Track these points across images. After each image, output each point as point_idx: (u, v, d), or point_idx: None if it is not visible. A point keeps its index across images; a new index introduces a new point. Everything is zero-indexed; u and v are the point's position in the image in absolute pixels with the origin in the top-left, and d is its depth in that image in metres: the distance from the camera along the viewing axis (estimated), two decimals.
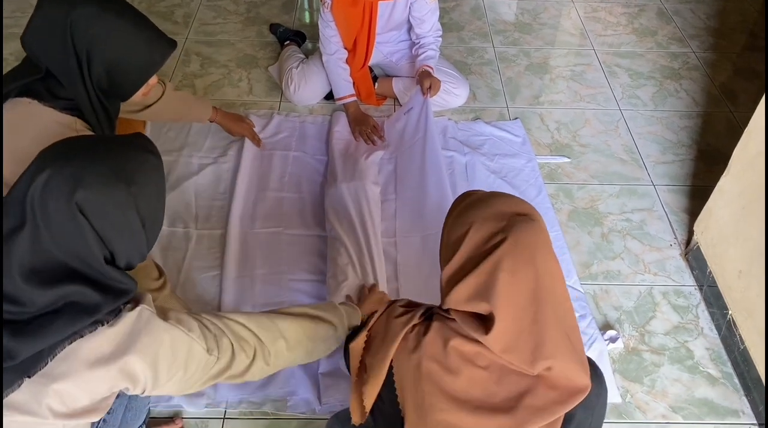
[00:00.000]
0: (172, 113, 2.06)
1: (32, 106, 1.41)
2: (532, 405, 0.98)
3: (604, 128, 2.52)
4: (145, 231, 1.05)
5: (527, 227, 0.99)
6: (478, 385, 1.00)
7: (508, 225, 0.99)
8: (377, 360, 1.08)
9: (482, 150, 2.37)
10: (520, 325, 0.97)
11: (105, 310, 0.97)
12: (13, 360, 0.93)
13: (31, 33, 1.39)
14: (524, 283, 0.97)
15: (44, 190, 0.94)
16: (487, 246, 0.98)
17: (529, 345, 0.97)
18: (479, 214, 1.02)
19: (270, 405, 1.63)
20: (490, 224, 1.00)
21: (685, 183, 2.30)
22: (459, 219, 1.05)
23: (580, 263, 2.00)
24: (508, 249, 0.97)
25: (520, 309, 0.97)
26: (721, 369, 1.76)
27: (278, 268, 1.93)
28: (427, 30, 2.40)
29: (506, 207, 1.03)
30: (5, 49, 2.80)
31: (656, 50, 2.97)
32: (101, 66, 1.39)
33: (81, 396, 0.99)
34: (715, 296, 1.86)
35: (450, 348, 1.01)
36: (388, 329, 1.09)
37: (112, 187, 0.97)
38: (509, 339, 0.97)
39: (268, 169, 2.24)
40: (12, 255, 0.93)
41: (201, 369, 1.12)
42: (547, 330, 0.97)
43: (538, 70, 2.82)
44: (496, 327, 0.96)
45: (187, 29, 2.98)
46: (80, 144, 1.03)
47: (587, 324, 1.81)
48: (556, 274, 1.00)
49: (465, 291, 0.99)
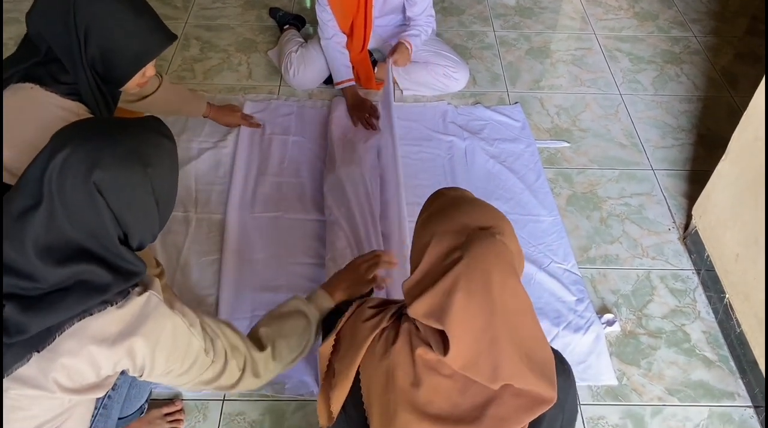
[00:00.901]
0: (168, 106, 2.06)
1: (35, 91, 1.41)
2: (497, 415, 0.96)
3: (604, 113, 2.51)
4: (158, 212, 1.06)
5: (485, 244, 0.94)
6: (442, 395, 0.98)
7: (467, 241, 0.95)
8: (344, 365, 1.06)
9: (482, 134, 2.36)
10: (478, 347, 0.94)
11: (115, 290, 0.99)
12: (23, 334, 0.95)
13: (37, 9, 1.40)
14: (479, 306, 0.93)
15: (62, 169, 0.95)
16: (445, 263, 0.95)
17: (488, 365, 0.94)
18: (440, 227, 0.98)
19: (269, 388, 1.65)
20: (450, 239, 0.96)
21: (684, 167, 2.29)
22: (424, 227, 1.02)
23: (579, 247, 2.01)
24: (463, 269, 0.93)
25: (477, 332, 0.93)
26: (718, 352, 1.77)
27: (277, 252, 1.94)
28: (417, 13, 2.40)
29: (469, 219, 0.98)
30: (5, 34, 2.79)
31: (657, 34, 2.96)
32: (96, 45, 1.39)
33: (87, 372, 1.01)
34: (712, 280, 1.87)
35: (417, 356, 0.99)
36: (356, 333, 1.07)
37: (129, 168, 0.99)
38: (468, 359, 0.95)
39: (268, 154, 2.25)
40: (27, 233, 0.94)
41: (196, 368, 1.13)
42: (504, 352, 0.94)
43: (538, 55, 2.81)
44: (452, 348, 0.94)
45: (187, 13, 2.97)
46: (96, 125, 1.04)
47: (585, 307, 1.82)
48: (513, 293, 0.96)
49: (422, 308, 0.96)
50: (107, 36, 1.39)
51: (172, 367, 1.09)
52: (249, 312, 1.78)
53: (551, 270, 1.91)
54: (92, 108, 1.48)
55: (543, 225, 2.04)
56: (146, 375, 1.08)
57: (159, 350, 1.06)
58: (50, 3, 1.39)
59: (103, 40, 1.39)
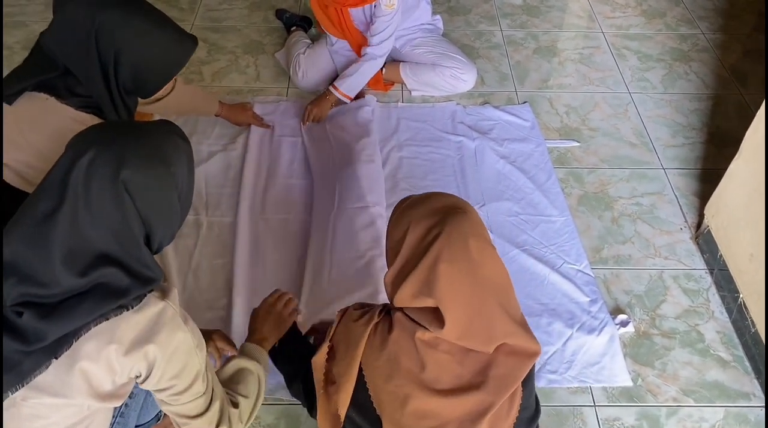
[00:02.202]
0: (181, 106, 2.06)
1: (49, 102, 1.41)
2: (498, 375, 1.04)
3: (613, 112, 2.50)
4: (180, 212, 1.07)
5: (460, 219, 1.04)
6: (445, 369, 1.04)
7: (442, 219, 1.04)
8: (344, 365, 1.09)
9: (491, 134, 2.36)
10: (470, 312, 1.01)
11: (132, 295, 0.99)
12: (42, 341, 0.95)
13: (53, 33, 1.40)
14: (463, 272, 1.01)
15: (89, 170, 0.95)
16: (425, 242, 1.03)
17: (482, 329, 1.02)
18: (415, 214, 1.07)
19: (283, 392, 1.64)
20: (426, 221, 1.04)
21: (696, 166, 2.29)
22: (398, 222, 1.09)
23: (591, 247, 2.00)
24: (444, 241, 1.01)
25: (466, 297, 1.01)
26: (732, 352, 1.76)
27: (289, 255, 1.94)
28: (372, 34, 2.32)
29: (440, 204, 1.08)
30: (11, 38, 2.79)
31: (665, 32, 2.95)
32: (128, 69, 1.40)
33: (104, 378, 1.01)
34: (726, 279, 1.86)
35: (416, 339, 1.04)
36: (351, 334, 1.10)
37: (154, 167, 1.00)
38: (463, 327, 1.02)
39: (277, 156, 2.24)
40: (51, 237, 0.94)
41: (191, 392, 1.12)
42: (495, 314, 1.03)
43: (546, 54, 2.80)
44: (448, 319, 1.00)
45: (193, 15, 2.96)
46: (116, 128, 1.05)
47: (598, 308, 1.82)
48: (492, 259, 1.05)
49: (409, 289, 1.03)
50: (137, 59, 1.40)
51: (174, 382, 1.09)
52: None
53: (564, 271, 1.90)
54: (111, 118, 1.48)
55: (555, 225, 2.04)
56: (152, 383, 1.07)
57: (170, 360, 1.05)
58: (67, 29, 1.38)
59: (134, 61, 1.40)
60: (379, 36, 2.31)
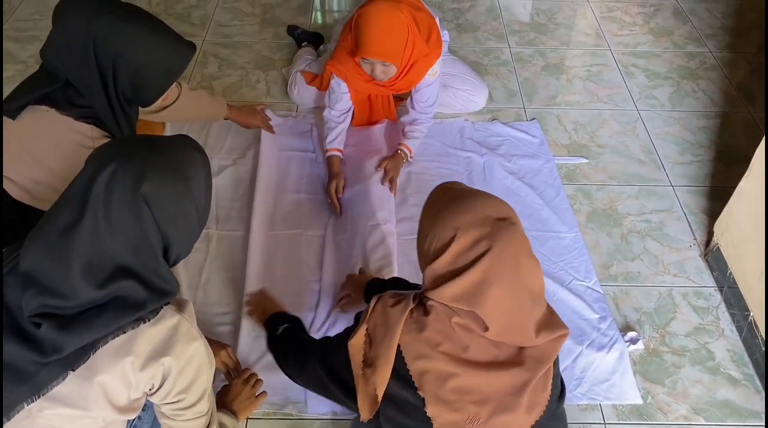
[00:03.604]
0: (189, 113, 2.07)
1: (49, 114, 1.43)
2: (534, 356, 1.08)
3: (621, 129, 2.51)
4: (198, 225, 1.08)
5: (510, 233, 1.05)
6: (483, 349, 1.08)
7: (492, 232, 1.04)
8: (383, 348, 1.11)
9: (500, 151, 2.37)
10: (508, 323, 1.05)
11: (149, 308, 1.00)
12: (59, 353, 0.95)
13: (51, 46, 1.41)
14: (510, 289, 1.04)
15: (109, 184, 0.96)
16: (473, 252, 1.04)
17: (518, 335, 1.08)
18: (464, 220, 1.06)
19: (291, 407, 1.65)
20: (476, 231, 1.04)
21: (704, 183, 2.29)
22: (443, 221, 1.08)
23: (600, 264, 2.00)
24: (495, 258, 1.03)
25: (509, 309, 1.05)
26: (743, 370, 1.75)
27: (299, 270, 1.94)
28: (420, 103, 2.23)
29: (489, 210, 1.08)
30: (25, 52, 2.83)
31: (673, 50, 2.96)
32: (126, 77, 1.41)
33: (120, 390, 1.01)
34: (735, 297, 1.86)
35: (453, 324, 1.07)
36: (388, 318, 1.12)
37: (173, 181, 1.01)
38: (501, 330, 1.06)
39: (287, 171, 2.26)
40: (71, 249, 0.95)
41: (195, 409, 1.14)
42: (533, 317, 1.07)
43: (554, 71, 2.82)
44: (489, 325, 1.05)
45: (205, 31, 3.00)
46: (136, 142, 1.06)
47: (608, 325, 1.81)
48: (537, 274, 1.08)
49: (450, 292, 1.05)
50: (136, 63, 1.41)
51: (183, 396, 1.09)
52: None
53: (573, 288, 1.90)
54: (112, 129, 1.50)
55: (564, 241, 2.04)
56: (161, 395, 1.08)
57: (182, 373, 1.06)
58: (64, 41, 1.39)
59: (132, 68, 1.40)
60: (428, 102, 2.23)
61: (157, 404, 1.11)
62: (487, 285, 1.03)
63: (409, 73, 2.08)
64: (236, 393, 1.53)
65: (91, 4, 1.39)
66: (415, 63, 2.06)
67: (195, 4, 3.18)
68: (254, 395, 1.56)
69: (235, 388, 1.54)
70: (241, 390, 1.54)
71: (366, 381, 1.13)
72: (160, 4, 3.18)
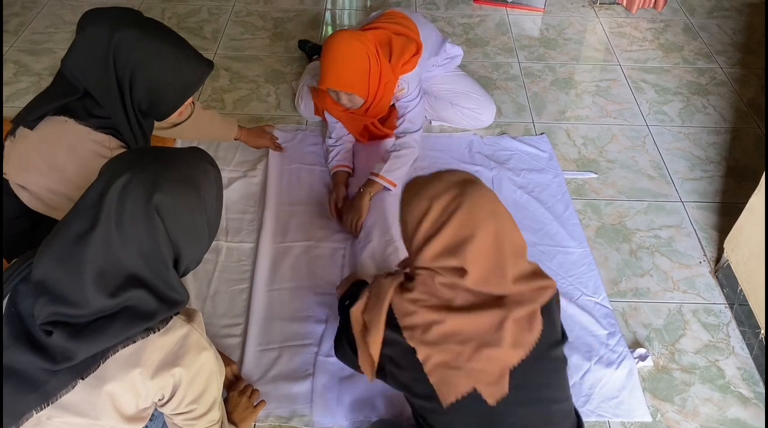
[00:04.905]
0: (199, 131, 2.10)
1: (68, 124, 1.45)
2: (513, 300, 1.19)
3: (631, 144, 2.51)
4: (208, 237, 1.08)
5: (476, 188, 1.22)
6: (464, 298, 1.19)
7: (461, 191, 1.19)
8: (375, 312, 1.23)
9: (508, 165, 2.37)
10: (487, 269, 1.17)
11: (159, 318, 1.00)
12: (69, 361, 0.96)
13: (73, 56, 1.43)
14: (489, 238, 1.17)
15: (122, 194, 0.97)
16: (449, 210, 1.18)
17: (496, 283, 1.18)
18: (435, 189, 1.21)
19: (297, 420, 1.64)
20: (447, 195, 1.19)
21: (714, 199, 2.28)
22: (418, 197, 1.23)
23: (609, 280, 1.99)
24: (468, 210, 1.17)
25: (486, 258, 1.17)
26: (753, 389, 1.74)
27: (308, 282, 1.95)
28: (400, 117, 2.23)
29: (454, 177, 1.24)
30: (38, 64, 2.87)
31: (683, 66, 2.96)
32: (143, 89, 1.43)
33: (129, 400, 1.02)
34: (746, 314, 1.84)
35: (437, 283, 1.19)
36: (380, 286, 1.26)
37: (186, 192, 1.02)
38: (481, 276, 1.17)
39: (297, 183, 2.27)
40: (83, 258, 0.96)
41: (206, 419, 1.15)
42: (508, 267, 1.18)
43: (563, 86, 2.82)
44: (470, 272, 1.16)
45: (216, 44, 3.03)
46: (149, 154, 1.07)
47: (616, 341, 1.80)
48: (516, 228, 1.23)
49: (433, 250, 1.18)
50: (153, 79, 1.43)
51: (194, 407, 1.10)
52: (278, 343, 1.78)
53: (582, 303, 1.89)
54: (128, 140, 1.51)
55: (572, 257, 2.03)
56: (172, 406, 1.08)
57: (192, 383, 1.06)
58: (86, 51, 1.42)
59: (149, 81, 1.43)
60: (402, 121, 2.22)
61: (169, 415, 1.12)
62: (465, 234, 1.16)
63: (383, 98, 2.12)
64: (235, 404, 1.55)
65: (115, 16, 1.42)
66: (385, 88, 2.09)
67: (207, 18, 3.22)
68: (252, 405, 1.59)
69: (233, 400, 1.56)
70: (239, 401, 1.57)
71: (365, 344, 1.25)
72: (172, 17, 3.21)
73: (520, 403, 1.18)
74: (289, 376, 1.71)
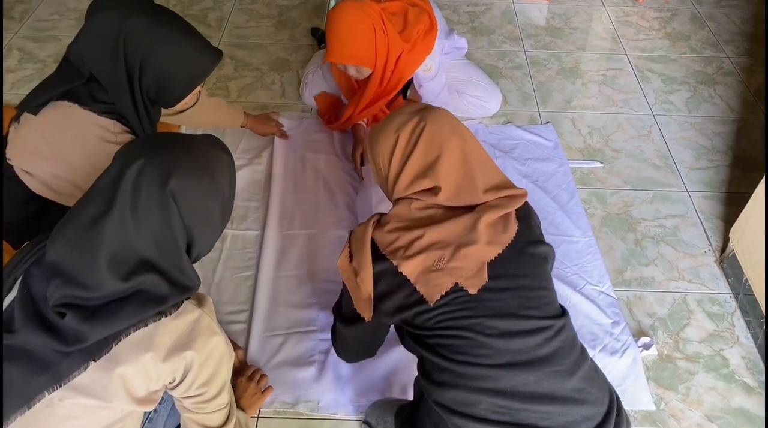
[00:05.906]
0: (206, 118, 2.09)
1: (72, 109, 1.44)
2: (489, 204, 1.26)
3: (637, 133, 2.50)
4: (221, 223, 1.09)
5: (434, 110, 1.31)
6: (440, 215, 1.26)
7: (422, 116, 1.28)
8: (361, 253, 1.26)
9: (514, 154, 2.36)
10: (458, 183, 1.25)
11: (171, 303, 1.01)
12: (81, 343, 0.97)
13: (82, 42, 1.43)
14: (457, 153, 1.25)
15: (138, 178, 0.98)
16: (414, 135, 1.26)
17: (467, 195, 1.26)
18: (398, 122, 1.30)
19: (302, 406, 1.65)
20: (410, 123, 1.28)
21: (720, 189, 2.27)
22: (383, 133, 1.30)
23: (614, 269, 1.99)
24: (432, 131, 1.26)
25: (456, 172, 1.25)
26: (758, 378, 1.74)
27: (313, 269, 1.95)
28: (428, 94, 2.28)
29: (413, 107, 1.33)
30: (43, 51, 2.86)
31: (690, 55, 2.95)
32: (152, 77, 1.42)
33: (141, 383, 1.02)
34: (751, 304, 1.84)
35: (413, 209, 1.27)
36: (357, 233, 1.30)
37: (200, 178, 1.03)
38: (453, 191, 1.25)
39: (303, 171, 2.27)
40: (98, 241, 0.97)
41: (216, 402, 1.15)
42: (478, 176, 1.26)
43: (569, 75, 2.81)
44: (443, 188, 1.24)
45: (221, 32, 3.02)
46: (163, 140, 1.08)
47: (621, 330, 1.80)
48: (470, 135, 1.31)
49: (407, 176, 1.26)
50: (163, 65, 1.43)
51: (204, 389, 1.10)
52: (284, 330, 1.79)
53: (586, 292, 1.89)
54: (134, 125, 1.51)
55: (577, 246, 2.03)
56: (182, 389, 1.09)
57: (203, 366, 1.07)
58: (95, 36, 1.41)
59: (158, 69, 1.42)
60: (434, 92, 2.26)
61: (179, 398, 1.13)
62: (434, 154, 1.25)
63: (395, 69, 2.09)
64: (242, 390, 1.56)
65: (126, 3, 1.41)
66: (399, 58, 2.06)
67: (211, 6, 3.21)
68: (260, 391, 1.59)
69: (240, 385, 1.57)
70: (246, 386, 1.57)
71: (359, 288, 1.27)
72: (177, 5, 3.20)
73: (500, 289, 1.22)
74: (294, 362, 1.72)
